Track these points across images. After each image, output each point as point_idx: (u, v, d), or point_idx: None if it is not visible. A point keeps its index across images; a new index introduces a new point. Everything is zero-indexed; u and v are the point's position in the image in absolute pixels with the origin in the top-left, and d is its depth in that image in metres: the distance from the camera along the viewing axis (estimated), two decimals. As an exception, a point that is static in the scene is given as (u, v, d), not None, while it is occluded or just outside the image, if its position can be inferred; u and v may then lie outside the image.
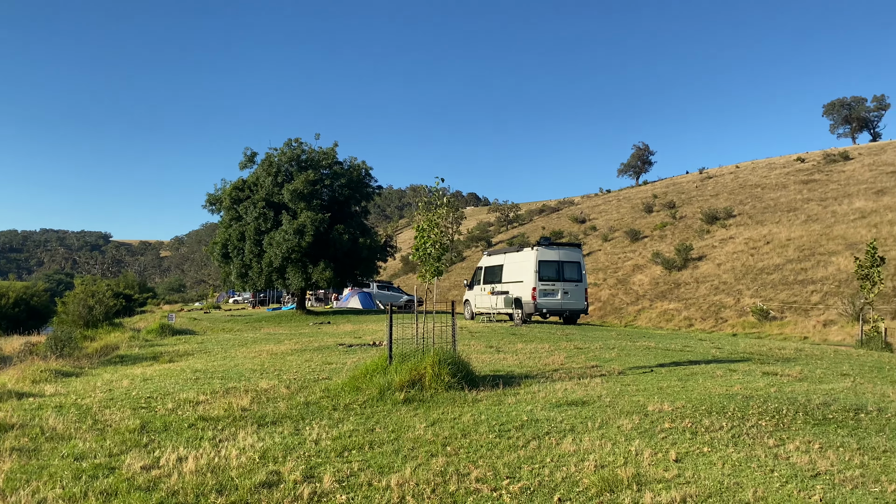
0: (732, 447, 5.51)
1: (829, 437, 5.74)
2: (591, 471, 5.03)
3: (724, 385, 8.31)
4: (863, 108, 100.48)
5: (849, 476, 4.70)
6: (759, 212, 60.67)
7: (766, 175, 76.66)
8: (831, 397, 7.37)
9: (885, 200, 52.81)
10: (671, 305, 46.38)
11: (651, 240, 62.98)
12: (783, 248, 48.88)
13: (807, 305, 39.19)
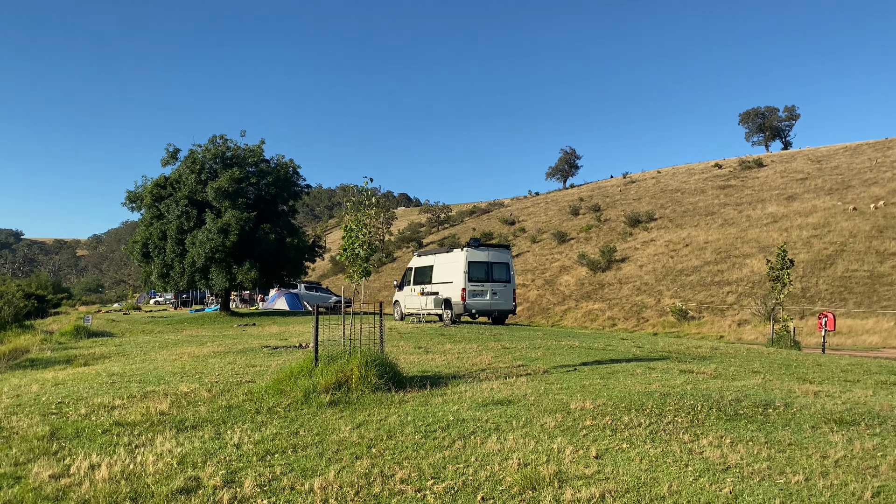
0: (650, 443, 5.69)
1: (739, 431, 6.00)
2: (514, 469, 5.10)
3: (644, 383, 8.58)
4: (775, 118, 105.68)
5: (757, 469, 4.93)
6: (678, 215, 62.93)
7: (686, 180, 79.58)
8: (743, 394, 7.71)
9: (795, 206, 55.69)
10: (596, 305, 47.56)
11: (577, 242, 64.42)
12: (701, 250, 50.87)
13: (723, 306, 40.90)
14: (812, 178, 65.04)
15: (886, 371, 10.41)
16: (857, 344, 30.19)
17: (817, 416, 6.47)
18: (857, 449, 5.35)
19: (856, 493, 4.40)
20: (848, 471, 4.84)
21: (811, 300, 38.20)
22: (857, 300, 37.29)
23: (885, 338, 31.29)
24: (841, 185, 59.51)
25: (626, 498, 4.45)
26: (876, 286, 38.23)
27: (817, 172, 67.04)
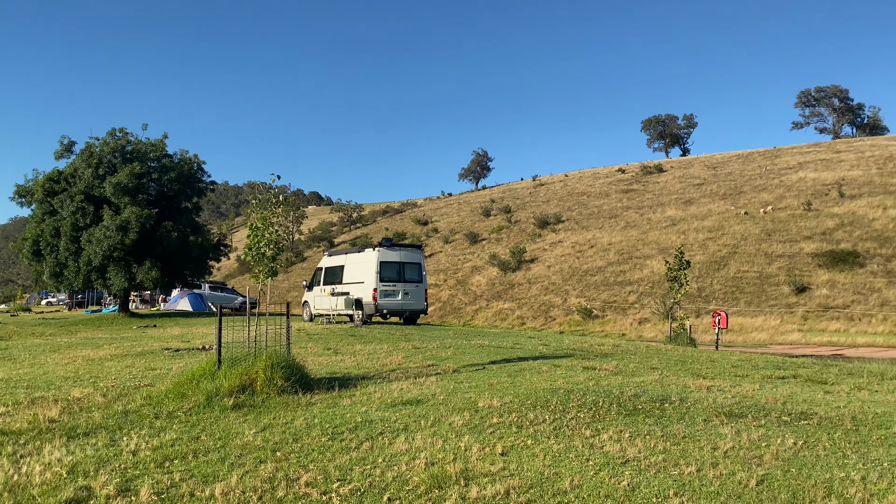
0: (554, 439, 5.83)
1: (638, 426, 6.25)
2: (421, 468, 5.12)
3: (549, 380, 8.80)
4: (675, 126, 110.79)
5: (653, 461, 5.14)
6: (585, 218, 64.93)
7: (592, 184, 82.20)
8: (641, 389, 8.03)
9: (692, 210, 58.54)
10: (506, 305, 48.41)
11: (489, 242, 65.37)
12: (605, 251, 52.68)
13: (625, 305, 42.51)
14: (708, 183, 68.53)
15: (772, 366, 11.11)
16: (748, 341, 32.08)
17: (709, 410, 6.82)
18: (744, 440, 5.67)
19: (742, 481, 4.66)
20: (736, 461, 5.12)
21: (706, 299, 40.26)
22: (748, 299, 39.57)
23: (772, 335, 33.40)
24: (734, 190, 63.00)
25: (529, 493, 4.55)
26: (764, 286, 40.70)
27: (713, 178, 70.72)
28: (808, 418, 6.48)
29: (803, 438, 5.71)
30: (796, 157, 72.88)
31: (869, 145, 74.20)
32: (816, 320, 35.67)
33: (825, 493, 4.42)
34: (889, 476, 4.74)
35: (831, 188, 55.28)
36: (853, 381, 9.18)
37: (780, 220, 50.37)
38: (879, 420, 6.45)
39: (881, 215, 47.31)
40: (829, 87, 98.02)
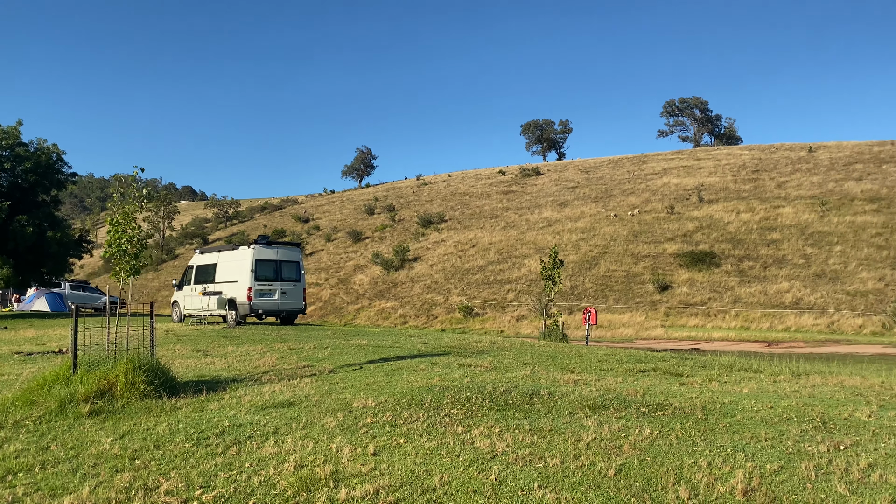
0: (426, 436, 5.87)
1: (508, 421, 6.41)
2: (290, 472, 5.00)
3: (426, 378, 8.86)
4: (552, 130, 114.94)
5: (521, 455, 5.29)
6: (467, 217, 66.04)
7: (474, 185, 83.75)
8: (513, 384, 8.25)
9: (567, 211, 60.96)
10: (388, 304, 48.38)
11: (372, 241, 65.09)
12: (486, 251, 53.84)
13: (504, 303, 43.62)
14: (581, 186, 71.60)
15: (634, 360, 11.75)
16: (616, 336, 33.79)
17: (575, 403, 7.11)
18: (605, 431, 5.95)
19: (602, 471, 4.88)
20: (597, 452, 5.36)
21: (579, 297, 42.03)
22: (616, 297, 41.69)
23: (638, 330, 35.37)
24: (605, 194, 66.18)
25: (399, 492, 4.55)
26: (631, 284, 43.02)
27: (586, 182, 73.95)
28: (664, 409, 6.90)
29: (659, 428, 6.07)
30: (661, 164, 77.60)
31: (725, 154, 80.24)
32: (678, 316, 38.13)
33: (675, 478, 4.72)
34: (732, 461, 5.12)
35: (692, 193, 59.27)
36: (706, 374, 9.88)
37: (646, 223, 53.41)
38: (726, 409, 6.96)
39: (735, 219, 51.24)
40: (691, 98, 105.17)
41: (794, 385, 8.91)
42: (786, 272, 41.82)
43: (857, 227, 46.93)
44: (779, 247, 45.55)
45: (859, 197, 53.19)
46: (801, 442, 5.66)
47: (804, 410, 6.92)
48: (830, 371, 10.91)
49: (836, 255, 43.14)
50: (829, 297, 37.98)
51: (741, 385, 8.78)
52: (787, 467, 4.97)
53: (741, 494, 4.40)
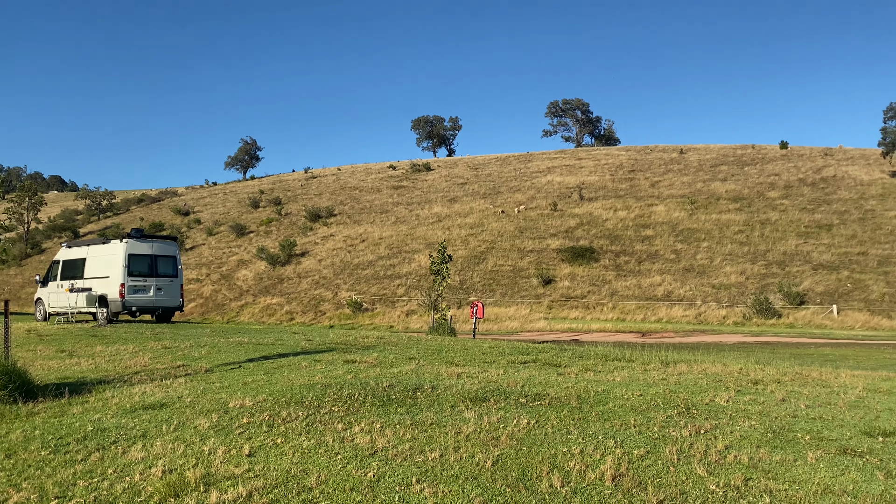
0: (305, 435, 5.74)
1: (389, 416, 6.38)
2: (157, 477, 4.74)
3: (308, 375, 8.68)
4: (442, 127, 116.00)
5: (401, 450, 5.27)
6: (356, 212, 65.49)
7: (364, 179, 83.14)
8: (397, 380, 8.24)
9: (456, 207, 61.72)
10: (274, 300, 47.21)
11: (257, 235, 63.24)
12: (376, 245, 53.62)
13: (394, 297, 43.62)
14: (470, 183, 72.71)
15: (517, 352, 12.04)
16: (502, 329, 34.58)
17: (457, 396, 7.18)
18: (485, 423, 6.04)
19: (480, 462, 4.95)
20: (476, 444, 5.43)
21: (467, 291, 42.70)
22: (503, 290, 42.67)
23: (523, 323, 36.37)
24: (493, 190, 67.55)
25: (273, 493, 4.41)
26: (517, 279, 44.17)
27: (475, 178, 75.17)
28: (541, 399, 7.10)
29: (536, 418, 6.23)
30: (546, 162, 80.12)
31: (604, 154, 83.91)
32: (560, 309, 39.52)
33: (550, 467, 4.85)
34: (602, 448, 5.33)
35: (573, 191, 61.60)
36: (582, 364, 10.26)
37: (531, 219, 54.99)
38: (599, 398, 7.25)
39: (612, 216, 53.70)
40: (573, 100, 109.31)
41: (662, 373, 9.42)
42: (658, 266, 44.27)
43: (722, 224, 50.40)
44: (652, 243, 48.15)
45: (724, 196, 57.13)
46: (667, 427, 5.98)
47: (670, 397, 7.33)
48: (695, 359, 11.63)
49: (703, 250, 46.12)
50: (696, 290, 40.55)
51: (614, 374, 9.19)
52: (652, 452, 5.23)
53: (610, 480, 4.58)
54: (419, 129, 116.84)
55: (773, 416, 6.53)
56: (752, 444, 5.49)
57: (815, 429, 6.06)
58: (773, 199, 55.17)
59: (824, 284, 39.78)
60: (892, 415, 6.83)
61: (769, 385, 8.51)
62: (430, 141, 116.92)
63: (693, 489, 4.47)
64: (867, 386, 8.76)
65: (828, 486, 4.54)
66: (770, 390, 8.08)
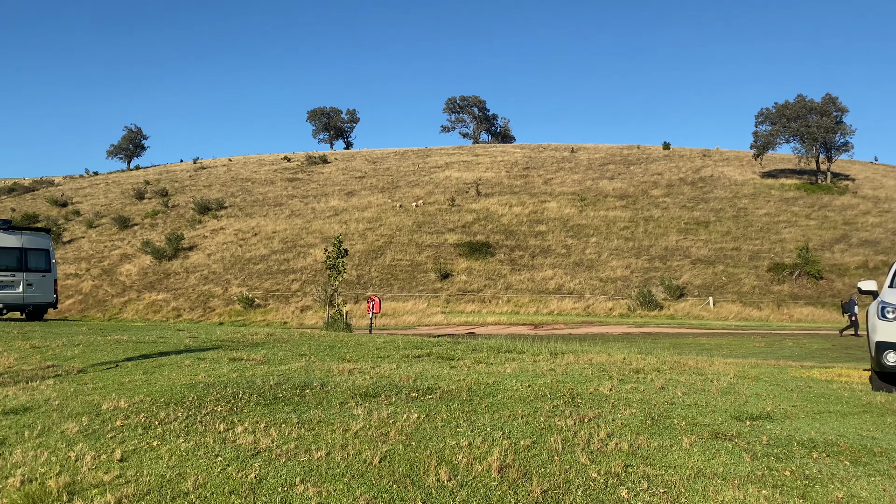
0: (183, 437, 5.45)
1: (275, 415, 6.17)
2: (14, 488, 4.35)
3: (190, 374, 8.29)
4: (339, 119, 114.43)
5: (285, 450, 5.10)
6: (249, 205, 63.55)
7: (257, 170, 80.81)
8: (285, 377, 8.01)
9: (354, 201, 61.12)
10: (160, 296, 45.09)
11: (142, 228, 60.16)
12: (269, 239, 52.25)
13: (288, 293, 42.68)
14: (368, 176, 72.19)
15: (412, 346, 12.02)
16: (399, 323, 34.57)
17: (347, 393, 7.05)
18: (374, 419, 5.96)
19: (367, 459, 4.86)
20: (364, 440, 5.33)
21: (365, 286, 42.38)
22: (401, 285, 42.66)
23: (420, 317, 36.50)
24: (391, 184, 67.35)
25: (145, 500, 4.15)
26: (415, 273, 44.28)
27: (373, 172, 74.69)
28: (432, 393, 7.09)
29: (426, 412, 6.21)
30: (444, 158, 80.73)
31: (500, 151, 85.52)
32: (457, 303, 39.96)
33: (438, 461, 4.83)
34: (490, 439, 5.37)
35: (471, 187, 62.40)
36: (475, 356, 10.37)
37: (429, 214, 55.25)
38: (489, 389, 7.33)
39: (507, 212, 54.82)
40: (471, 96, 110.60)
41: (551, 364, 9.66)
42: (550, 261, 45.60)
43: (610, 221, 52.52)
44: (545, 238, 49.54)
45: (611, 194, 59.57)
46: (553, 417, 6.11)
47: (557, 387, 7.51)
48: (582, 350, 12.02)
49: (592, 246, 47.90)
50: (585, 284, 42.07)
51: (505, 366, 9.33)
52: (538, 442, 5.32)
53: (496, 472, 4.62)
54: (315, 120, 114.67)
55: (653, 404, 6.82)
56: (632, 432, 5.70)
57: (691, 415, 6.37)
58: (657, 198, 58.04)
59: (702, 278, 42.26)
60: (758, 400, 7.30)
61: (649, 374, 8.90)
62: (327, 133, 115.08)
63: (576, 477, 4.58)
64: (738, 373, 9.34)
65: (700, 470, 4.76)
66: (650, 379, 8.45)
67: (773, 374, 9.66)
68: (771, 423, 6.21)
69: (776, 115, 63.02)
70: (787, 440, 5.57)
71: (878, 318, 8.09)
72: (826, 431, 5.93)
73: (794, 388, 8.27)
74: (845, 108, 61.31)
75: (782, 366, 11.68)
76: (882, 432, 5.98)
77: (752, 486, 4.47)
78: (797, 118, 61.26)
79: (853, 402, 7.35)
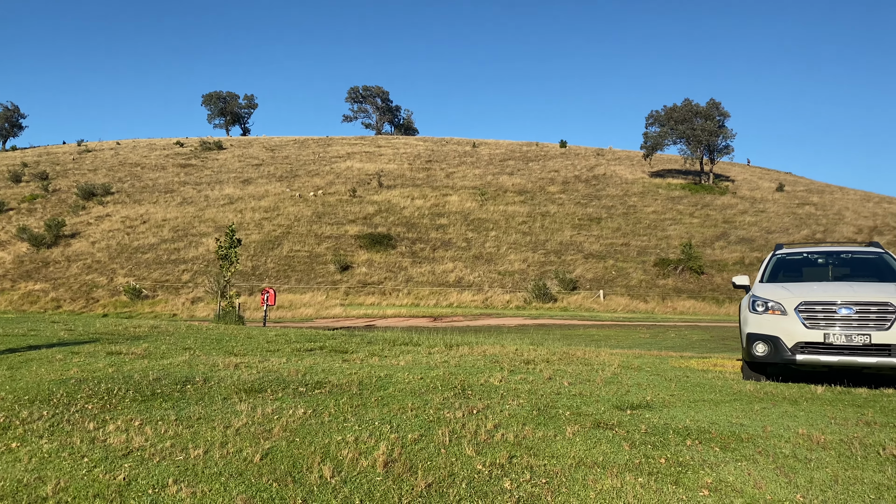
0: (47, 437, 5.07)
1: (152, 412, 5.85)
2: None
3: (61, 370, 7.74)
4: (236, 104, 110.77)
5: (160, 449, 4.83)
6: (137, 191, 60.50)
7: (147, 155, 77.05)
8: (166, 372, 7.62)
9: (250, 189, 59.35)
10: (38, 286, 42.21)
11: (18, 213, 56.04)
12: (159, 228, 49.93)
13: (178, 284, 40.95)
14: (266, 164, 70.29)
15: (305, 339, 11.77)
16: (297, 316, 33.90)
17: (231, 388, 6.79)
18: (258, 415, 5.76)
19: (248, 457, 4.68)
20: (246, 437, 5.13)
21: (260, 277, 41.29)
22: (299, 277, 41.85)
23: (319, 309, 35.94)
24: (290, 173, 65.87)
25: (-4, 508, 3.82)
26: (314, 264, 43.55)
27: (271, 160, 72.79)
28: (321, 387, 6.94)
29: (313, 407, 6.06)
30: (346, 148, 79.77)
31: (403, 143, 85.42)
32: (356, 295, 39.62)
33: (322, 457, 4.71)
34: (378, 434, 5.30)
35: (373, 178, 61.98)
36: (369, 349, 10.27)
37: (329, 204, 54.46)
38: (381, 383, 7.26)
39: (409, 204, 54.85)
40: (374, 87, 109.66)
41: (445, 356, 9.70)
42: (451, 254, 46.03)
43: (509, 215, 53.59)
44: (446, 231, 49.94)
45: (511, 189, 60.79)
46: (442, 409, 6.11)
47: (449, 379, 7.53)
48: (477, 342, 12.16)
49: (491, 239, 48.71)
50: (485, 276, 42.76)
51: (399, 358, 9.29)
52: (426, 435, 5.30)
53: (382, 467, 4.55)
54: (211, 105, 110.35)
55: (540, 394, 6.96)
56: (518, 422, 5.78)
57: (575, 405, 6.55)
58: (553, 194, 59.71)
59: (594, 272, 43.86)
60: (639, 389, 7.60)
61: (539, 364, 9.10)
62: (223, 118, 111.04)
63: (462, 470, 4.58)
64: (622, 363, 9.71)
65: (582, 459, 4.88)
66: (539, 369, 8.64)
67: (655, 365, 10.11)
68: (650, 411, 6.47)
69: (665, 118, 66.18)
70: (664, 428, 5.81)
71: (748, 311, 8.60)
72: (700, 419, 6.23)
73: (672, 377, 8.68)
74: (727, 112, 65.23)
75: (664, 356, 12.26)
76: (750, 419, 6.35)
77: (630, 473, 4.62)
78: (684, 121, 64.58)
79: (725, 391, 7.77)
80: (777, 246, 10.49)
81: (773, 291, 8.64)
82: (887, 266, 9.31)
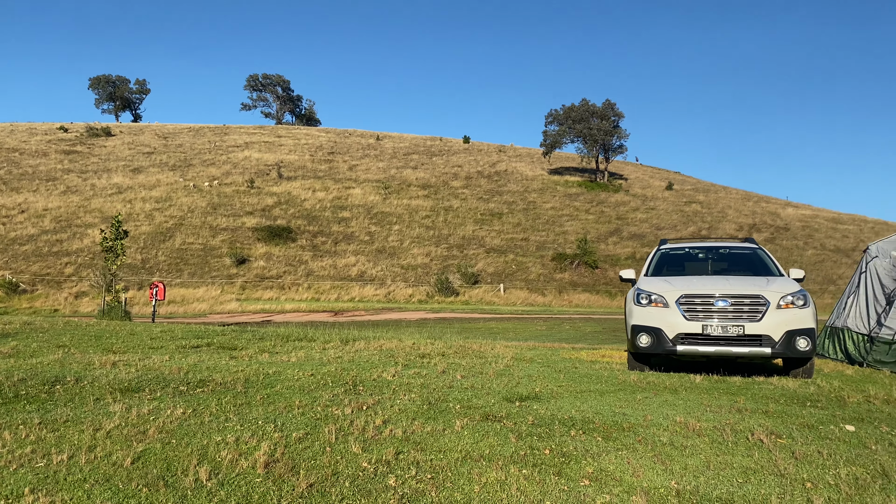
0: None
1: (13, 415, 5.42)
2: None
3: (-90, 372, 7.06)
4: (127, 89, 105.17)
5: (19, 454, 4.47)
6: (15, 178, 56.40)
7: (27, 140, 71.97)
8: (34, 372, 7.09)
9: (140, 178, 56.53)
10: None
11: None
12: (39, 218, 46.77)
13: (60, 277, 38.50)
14: (158, 153, 67.17)
15: (192, 335, 11.28)
16: (189, 311, 32.57)
17: (105, 388, 6.39)
18: (133, 416, 5.44)
19: (118, 461, 4.40)
20: (117, 440, 4.83)
21: (150, 271, 39.41)
22: (192, 270, 40.24)
23: (213, 304, 34.69)
24: (184, 162, 63.22)
25: None
26: (208, 258, 42.00)
27: (163, 148, 69.61)
28: (204, 385, 6.65)
29: (193, 407, 5.79)
30: (244, 137, 77.36)
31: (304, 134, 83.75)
32: (253, 290, 38.53)
33: (199, 459, 4.50)
34: (261, 433, 5.12)
35: (272, 169, 60.44)
36: (260, 345, 9.96)
37: (226, 195, 52.67)
38: (269, 380, 7.04)
39: (311, 196, 53.87)
40: (274, 75, 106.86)
41: (339, 352, 9.54)
42: (353, 248, 45.58)
43: (412, 209, 53.63)
44: (348, 224, 49.40)
45: (415, 183, 60.85)
46: (331, 406, 5.99)
47: (341, 375, 7.40)
48: (375, 336, 12.05)
49: (394, 233, 48.59)
50: (387, 271, 42.61)
51: (291, 355, 9.06)
52: (312, 433, 5.16)
53: (262, 468, 4.39)
54: (99, 88, 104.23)
55: (432, 388, 6.95)
56: (408, 417, 5.74)
57: (466, 398, 6.58)
58: (456, 189, 60.24)
59: (494, 266, 44.59)
60: (530, 381, 7.73)
61: (434, 358, 9.10)
62: (112, 103, 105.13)
63: (346, 468, 4.49)
64: (515, 355, 9.87)
65: (468, 453, 4.89)
66: (434, 363, 8.64)
67: (547, 356, 10.34)
68: (538, 403, 6.59)
69: (563, 117, 68.11)
70: (551, 419, 5.92)
71: (633, 304, 8.94)
72: (585, 410, 6.40)
73: (562, 368, 8.90)
74: (622, 113, 67.89)
75: (556, 348, 12.57)
76: (632, 408, 6.58)
77: (514, 465, 4.67)
78: (581, 120, 66.69)
79: (611, 381, 8.04)
80: (661, 241, 10.95)
81: (656, 285, 9.01)
82: (760, 261, 9.92)
